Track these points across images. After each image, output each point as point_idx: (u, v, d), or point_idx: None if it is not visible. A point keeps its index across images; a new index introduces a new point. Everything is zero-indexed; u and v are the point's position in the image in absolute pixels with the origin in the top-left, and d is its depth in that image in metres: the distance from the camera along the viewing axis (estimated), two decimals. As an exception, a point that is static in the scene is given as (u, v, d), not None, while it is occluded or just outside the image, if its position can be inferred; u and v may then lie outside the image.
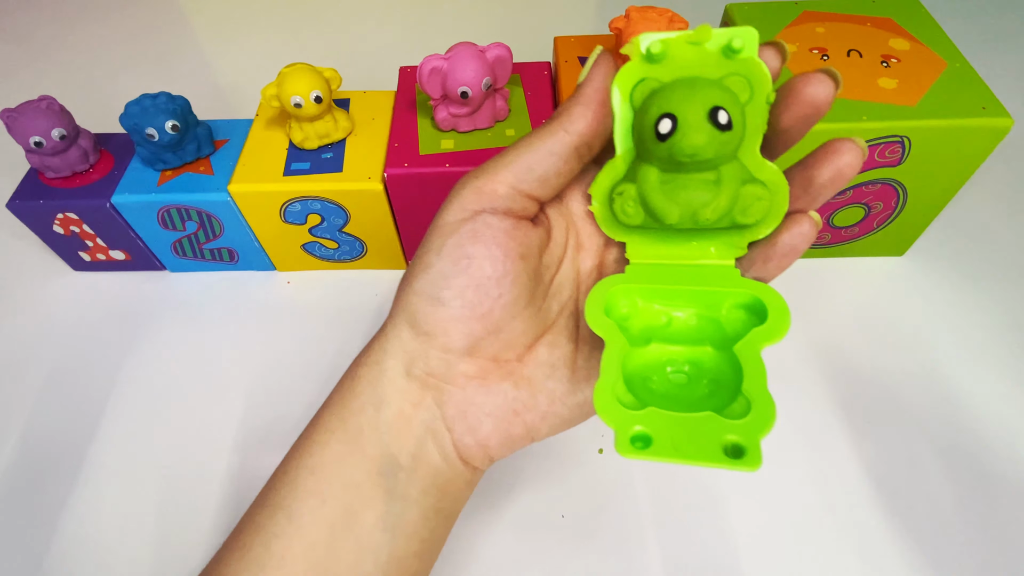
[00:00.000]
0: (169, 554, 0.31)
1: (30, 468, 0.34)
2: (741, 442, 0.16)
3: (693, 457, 0.16)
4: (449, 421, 0.20)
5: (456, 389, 0.20)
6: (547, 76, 0.40)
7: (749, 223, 0.18)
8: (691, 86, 0.17)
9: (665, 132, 0.17)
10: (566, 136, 0.19)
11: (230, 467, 0.33)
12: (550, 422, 0.21)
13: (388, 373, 0.20)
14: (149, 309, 0.41)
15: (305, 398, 0.36)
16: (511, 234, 0.19)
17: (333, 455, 0.20)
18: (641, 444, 0.16)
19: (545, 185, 0.19)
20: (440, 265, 0.19)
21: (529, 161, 0.19)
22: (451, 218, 0.19)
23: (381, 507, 0.19)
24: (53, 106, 0.35)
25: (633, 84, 0.18)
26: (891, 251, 0.41)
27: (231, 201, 0.36)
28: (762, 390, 0.16)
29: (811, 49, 0.37)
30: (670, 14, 0.34)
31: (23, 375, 0.38)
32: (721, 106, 0.17)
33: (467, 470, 0.21)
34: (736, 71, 0.17)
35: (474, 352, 0.20)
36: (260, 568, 0.19)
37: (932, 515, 0.31)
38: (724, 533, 0.30)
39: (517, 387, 0.20)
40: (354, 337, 0.39)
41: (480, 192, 0.19)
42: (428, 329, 0.20)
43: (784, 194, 0.18)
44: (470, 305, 0.19)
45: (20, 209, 0.37)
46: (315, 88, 0.33)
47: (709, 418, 0.16)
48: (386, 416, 0.20)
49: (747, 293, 0.18)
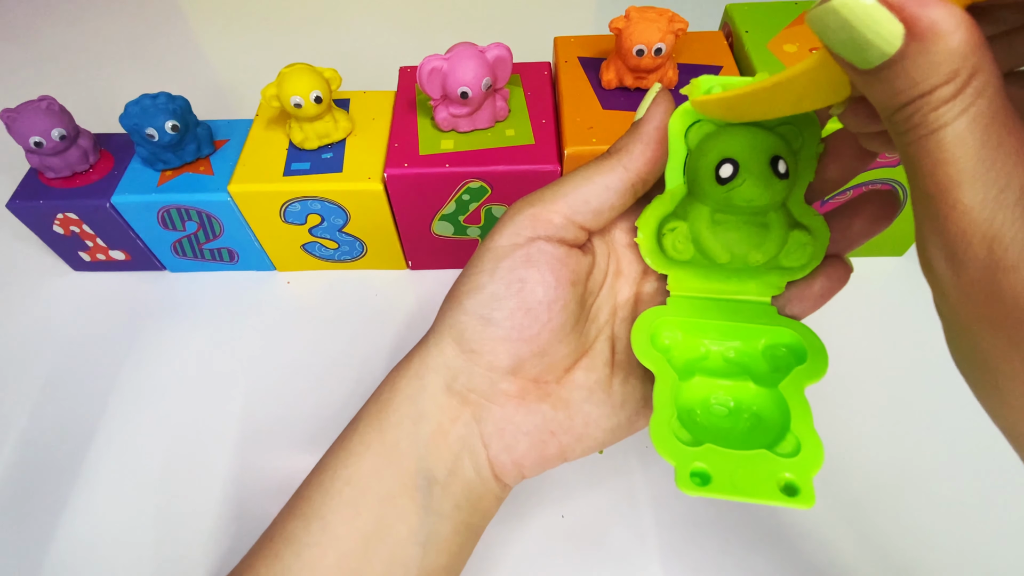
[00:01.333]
0: (169, 554, 0.31)
1: (30, 468, 0.34)
2: (795, 481, 0.16)
3: (751, 495, 0.16)
4: (486, 438, 0.21)
5: (496, 407, 0.21)
6: (547, 76, 0.40)
7: (793, 267, 0.19)
8: (753, 134, 0.18)
9: (726, 176, 0.17)
10: (624, 173, 0.19)
11: (230, 467, 0.33)
12: (584, 444, 0.21)
13: (429, 388, 0.20)
14: (149, 309, 0.41)
15: (305, 398, 0.36)
16: (564, 261, 0.20)
17: (370, 467, 0.20)
18: (700, 480, 0.16)
19: (599, 217, 0.20)
20: (493, 287, 0.20)
21: (585, 194, 0.19)
22: (505, 242, 0.20)
23: (415, 521, 0.20)
24: (53, 106, 0.35)
25: (688, 124, 0.19)
26: (891, 251, 0.41)
27: (231, 201, 0.36)
28: (809, 429, 0.17)
29: (811, 49, 0.37)
30: (670, 14, 0.34)
31: (23, 375, 0.38)
32: (781, 155, 0.17)
33: (498, 486, 0.21)
34: (788, 119, 0.18)
35: (517, 372, 0.20)
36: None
37: (932, 517, 0.31)
38: (724, 533, 0.31)
39: (555, 408, 0.21)
40: (354, 337, 0.39)
41: (536, 220, 0.20)
42: (475, 347, 0.20)
43: (825, 240, 0.19)
44: (519, 327, 0.20)
45: (20, 209, 0.37)
46: (315, 88, 0.33)
47: (763, 456, 0.17)
48: (424, 430, 0.20)
49: (787, 332, 0.19)
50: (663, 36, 0.33)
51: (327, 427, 0.35)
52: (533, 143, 0.35)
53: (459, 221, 0.38)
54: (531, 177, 0.35)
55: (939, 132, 0.12)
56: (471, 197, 0.36)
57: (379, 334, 0.39)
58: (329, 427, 0.35)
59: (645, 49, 0.34)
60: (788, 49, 0.37)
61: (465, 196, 0.36)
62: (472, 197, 0.36)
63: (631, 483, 0.32)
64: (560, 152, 0.35)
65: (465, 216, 0.38)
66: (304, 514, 0.20)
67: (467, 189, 0.36)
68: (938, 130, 0.12)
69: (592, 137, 0.34)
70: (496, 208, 0.37)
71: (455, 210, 0.37)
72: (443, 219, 0.38)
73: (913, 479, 0.32)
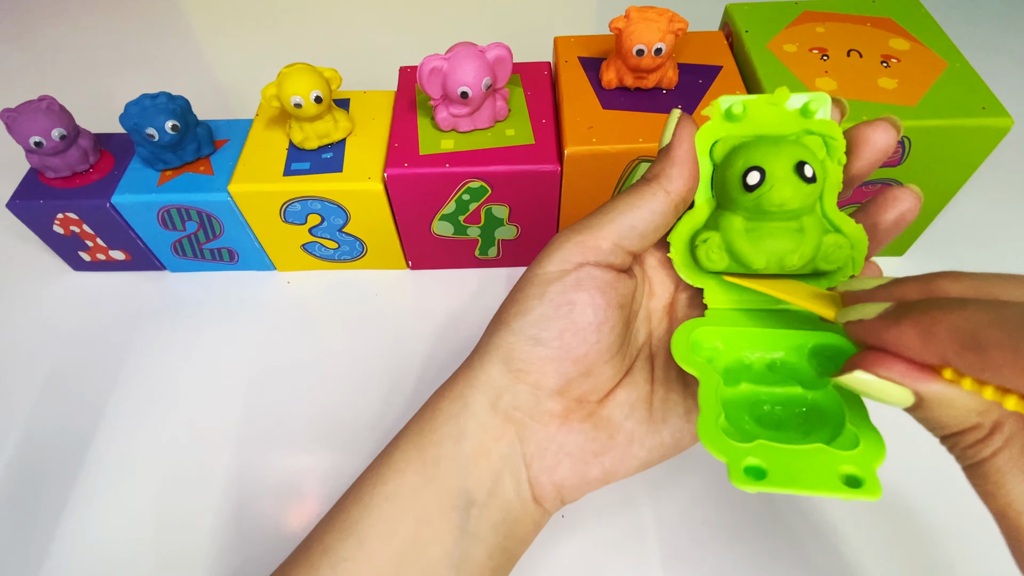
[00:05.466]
0: (169, 553, 0.31)
1: (30, 468, 0.34)
2: (858, 473, 0.16)
3: (812, 487, 0.16)
4: (528, 458, 0.21)
5: (539, 426, 0.21)
6: (547, 76, 0.40)
7: (831, 270, 0.19)
8: (776, 143, 0.19)
9: (754, 183, 0.18)
10: (667, 196, 0.20)
11: (230, 467, 0.33)
12: (627, 464, 0.21)
13: (472, 407, 0.21)
14: (149, 309, 0.41)
15: (305, 398, 0.36)
16: (613, 285, 0.20)
17: (409, 485, 0.20)
18: (754, 476, 0.16)
19: (644, 241, 0.20)
20: (542, 309, 0.20)
21: (632, 220, 0.20)
22: (553, 268, 0.20)
23: (450, 542, 0.20)
24: (53, 106, 0.35)
25: (711, 141, 0.20)
26: (891, 251, 0.41)
27: (231, 201, 0.36)
28: (867, 423, 0.17)
29: (811, 49, 0.37)
30: (670, 14, 0.34)
31: (23, 375, 0.38)
32: (806, 160, 0.18)
33: (537, 511, 0.21)
34: (810, 130, 0.19)
35: (564, 392, 0.21)
36: None
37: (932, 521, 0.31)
38: (724, 533, 0.31)
39: (596, 428, 0.21)
40: (354, 337, 0.39)
41: (584, 247, 0.20)
42: (523, 367, 0.20)
43: (864, 244, 0.19)
44: (568, 347, 0.20)
45: (20, 209, 0.37)
46: (315, 88, 0.33)
47: (820, 450, 0.17)
48: (465, 449, 0.20)
49: (832, 335, 0.19)
50: (663, 36, 0.33)
51: (327, 427, 0.35)
52: (533, 143, 0.35)
53: (459, 221, 0.38)
54: (531, 177, 0.35)
55: (983, 465, 0.15)
56: (471, 197, 0.36)
57: (379, 334, 0.39)
58: (329, 427, 0.35)
59: (645, 49, 0.34)
60: (788, 49, 0.37)
61: (465, 196, 0.36)
62: (472, 197, 0.36)
63: (631, 483, 0.32)
64: (560, 152, 0.35)
65: (465, 216, 0.38)
66: (342, 528, 0.20)
67: (467, 189, 0.36)
68: (981, 463, 0.15)
69: (592, 137, 0.34)
70: (496, 208, 0.37)
71: (455, 210, 0.37)
72: (443, 219, 0.38)
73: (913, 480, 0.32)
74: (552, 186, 0.36)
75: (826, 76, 0.36)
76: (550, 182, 0.35)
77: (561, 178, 0.35)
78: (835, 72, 0.36)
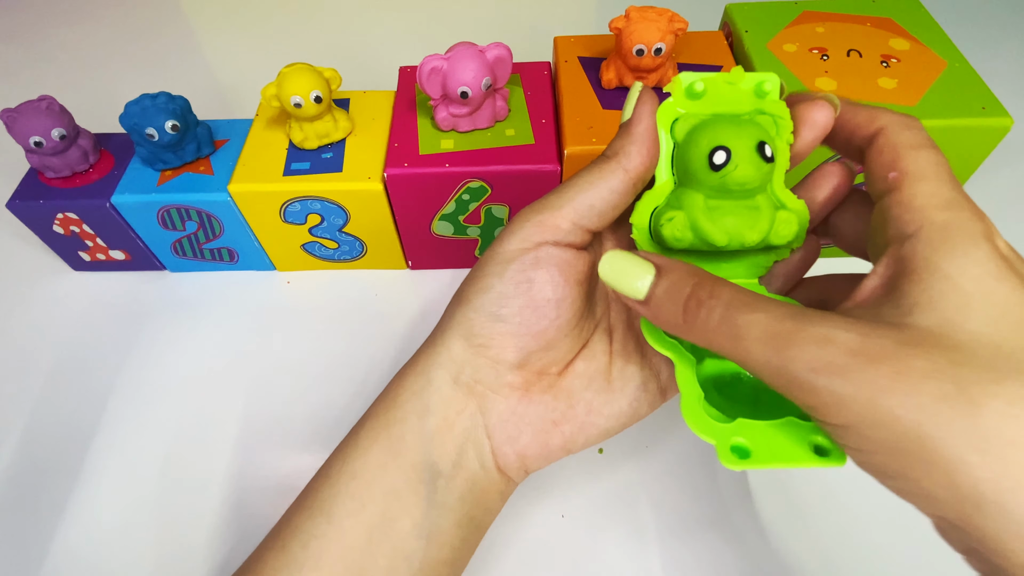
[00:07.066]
0: (169, 553, 0.31)
1: (30, 468, 0.34)
2: (824, 443, 0.17)
3: (789, 460, 0.17)
4: (490, 429, 0.21)
5: (500, 398, 0.21)
6: (547, 76, 0.40)
7: (780, 244, 0.20)
8: (738, 123, 0.19)
9: (720, 163, 0.18)
10: (625, 174, 0.20)
11: (230, 467, 0.33)
12: (587, 432, 0.22)
13: (435, 383, 0.21)
14: (149, 309, 0.41)
15: (305, 398, 0.36)
16: (571, 263, 0.21)
17: (375, 461, 0.21)
18: (739, 455, 0.17)
19: (603, 219, 0.21)
20: (501, 287, 0.20)
21: (591, 198, 0.20)
22: (512, 247, 0.21)
23: (418, 514, 0.20)
24: (53, 106, 0.35)
25: (672, 119, 0.20)
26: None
27: (231, 201, 0.36)
28: None
29: (811, 49, 0.37)
30: (670, 14, 0.34)
31: (23, 375, 0.38)
32: (765, 141, 0.19)
33: (502, 480, 0.22)
34: (763, 109, 0.19)
35: (524, 365, 0.21)
36: (298, 568, 0.20)
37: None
38: (724, 533, 0.31)
39: (556, 398, 0.22)
40: (354, 337, 0.39)
41: (543, 226, 0.20)
42: (483, 342, 0.21)
43: (806, 220, 0.20)
44: (527, 323, 0.20)
45: (20, 209, 0.37)
46: (315, 88, 0.33)
47: (791, 423, 0.18)
48: (429, 424, 0.21)
49: None
50: (663, 36, 0.33)
51: (327, 427, 0.35)
52: (533, 143, 0.35)
53: (459, 221, 0.38)
54: (531, 177, 0.35)
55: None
56: (471, 197, 0.36)
57: (379, 334, 0.39)
58: (329, 427, 0.35)
59: (645, 49, 0.34)
60: (788, 49, 0.37)
61: (465, 196, 0.36)
62: (472, 197, 0.36)
63: (631, 483, 0.32)
64: (560, 152, 0.35)
65: (465, 216, 0.38)
66: (311, 507, 0.21)
67: (467, 189, 0.36)
68: None
69: (592, 137, 0.34)
70: (496, 208, 0.37)
71: (455, 210, 0.37)
72: (443, 219, 0.38)
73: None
74: (552, 186, 0.36)
75: (826, 76, 0.36)
76: (550, 182, 0.35)
77: (561, 178, 0.35)
78: (835, 72, 0.36)
